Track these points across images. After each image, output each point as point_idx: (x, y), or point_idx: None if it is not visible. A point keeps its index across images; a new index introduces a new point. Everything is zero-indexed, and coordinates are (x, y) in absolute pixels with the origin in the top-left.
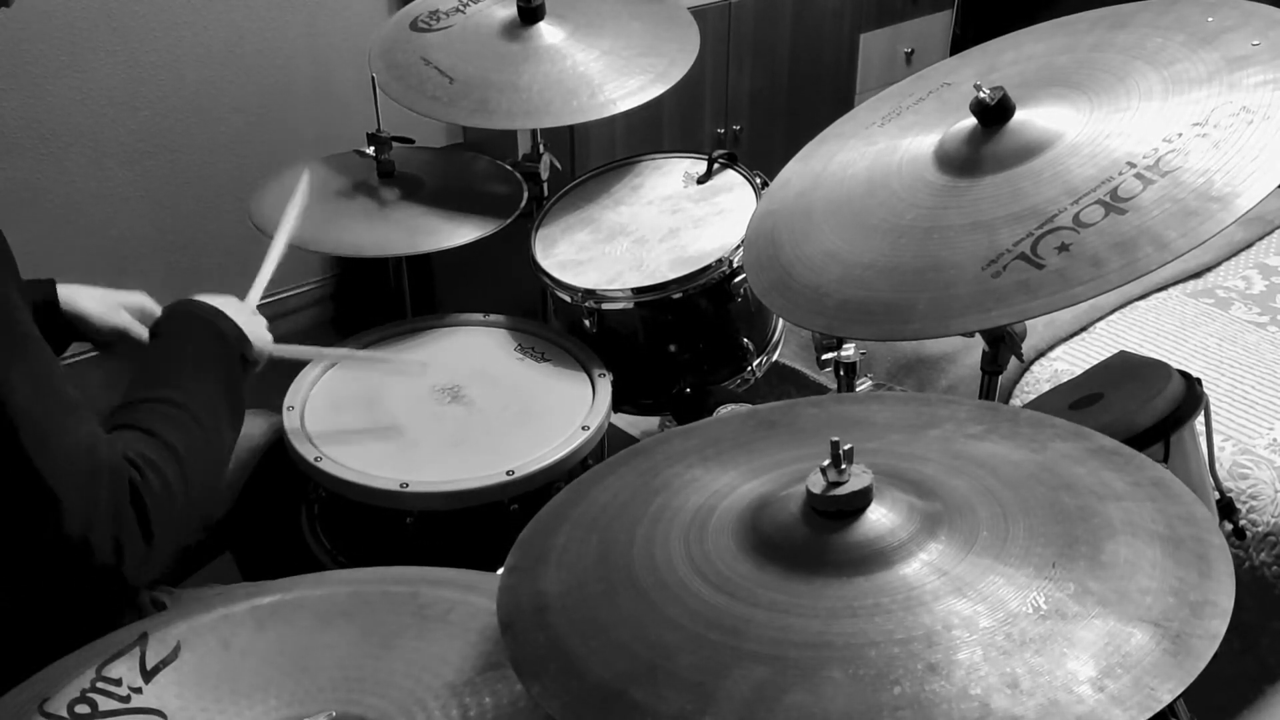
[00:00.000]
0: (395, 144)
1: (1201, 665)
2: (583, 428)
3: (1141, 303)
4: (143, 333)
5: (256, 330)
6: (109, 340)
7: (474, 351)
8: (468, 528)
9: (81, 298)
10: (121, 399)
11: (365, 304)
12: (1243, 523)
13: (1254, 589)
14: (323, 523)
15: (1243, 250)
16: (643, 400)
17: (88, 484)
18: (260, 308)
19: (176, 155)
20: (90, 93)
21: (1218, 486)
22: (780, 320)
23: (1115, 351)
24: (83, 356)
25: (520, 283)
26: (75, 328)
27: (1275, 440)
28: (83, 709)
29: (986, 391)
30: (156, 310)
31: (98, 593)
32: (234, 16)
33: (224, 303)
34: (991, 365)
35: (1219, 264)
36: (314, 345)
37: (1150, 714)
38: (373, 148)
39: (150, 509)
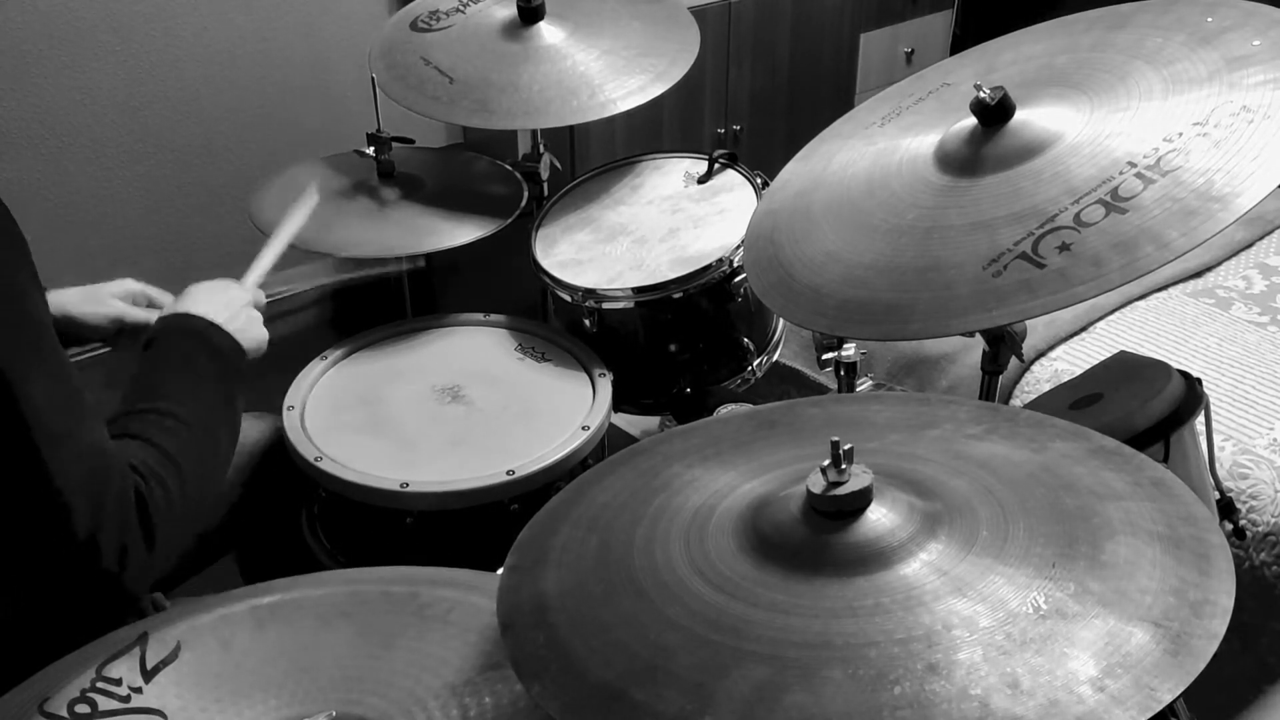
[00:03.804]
0: (395, 144)
1: (1201, 665)
2: (583, 428)
3: (1141, 303)
4: (140, 315)
5: (249, 330)
6: (108, 334)
7: (474, 351)
8: (468, 528)
9: (68, 302)
10: (119, 406)
11: (365, 304)
12: (1243, 523)
13: (1254, 589)
14: (323, 523)
15: (1243, 250)
16: (643, 400)
17: (97, 488)
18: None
19: (176, 155)
20: (90, 93)
21: (1218, 486)
22: (780, 320)
23: (1115, 351)
24: (83, 357)
25: (520, 283)
26: (67, 334)
27: (1275, 440)
28: (83, 709)
29: (986, 391)
30: (145, 289)
31: (99, 599)
32: (234, 16)
33: (218, 297)
34: (991, 365)
35: (1219, 264)
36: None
37: (1150, 714)
38: (373, 148)
39: (154, 517)
